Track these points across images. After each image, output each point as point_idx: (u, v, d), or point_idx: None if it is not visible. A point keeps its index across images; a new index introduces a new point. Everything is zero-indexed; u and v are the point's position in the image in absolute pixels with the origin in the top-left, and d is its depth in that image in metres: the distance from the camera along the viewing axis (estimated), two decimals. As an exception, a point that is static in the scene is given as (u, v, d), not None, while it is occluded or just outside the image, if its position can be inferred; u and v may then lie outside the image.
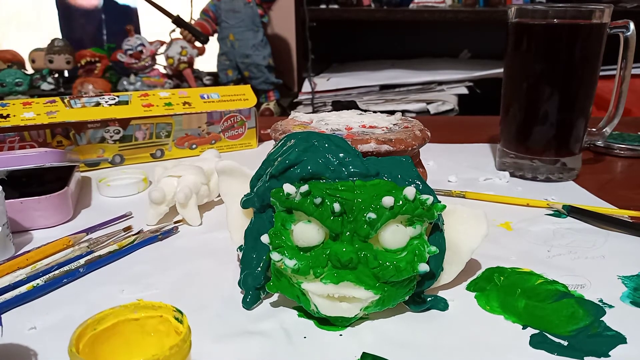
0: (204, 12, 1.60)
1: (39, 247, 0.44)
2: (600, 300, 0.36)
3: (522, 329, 0.33)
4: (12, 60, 1.53)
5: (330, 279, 0.32)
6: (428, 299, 0.36)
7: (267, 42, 1.60)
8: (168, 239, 0.47)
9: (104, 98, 0.68)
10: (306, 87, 1.59)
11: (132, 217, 0.52)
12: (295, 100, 1.59)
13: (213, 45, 1.65)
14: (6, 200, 0.45)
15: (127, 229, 0.48)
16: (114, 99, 0.69)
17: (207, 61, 1.72)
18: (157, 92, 0.72)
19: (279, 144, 0.37)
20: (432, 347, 0.32)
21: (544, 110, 0.59)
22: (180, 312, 0.27)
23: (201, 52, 1.64)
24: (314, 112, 1.35)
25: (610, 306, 0.36)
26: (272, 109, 1.60)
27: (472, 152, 0.73)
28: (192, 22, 1.61)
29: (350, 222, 0.32)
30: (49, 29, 1.77)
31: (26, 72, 1.55)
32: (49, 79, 1.55)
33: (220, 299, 0.37)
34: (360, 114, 0.50)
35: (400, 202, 0.32)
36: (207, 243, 0.46)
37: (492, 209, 0.52)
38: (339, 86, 1.54)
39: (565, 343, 0.32)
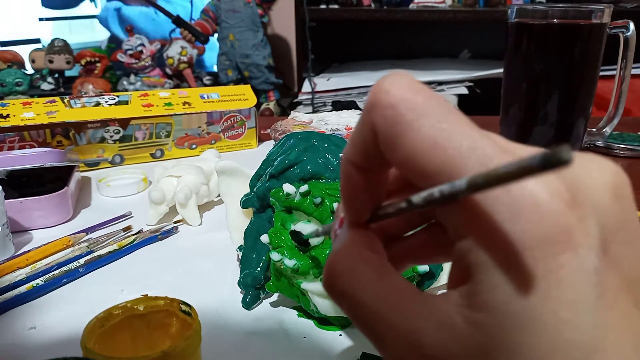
0: (204, 12, 1.60)
1: (38, 247, 0.44)
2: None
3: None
4: (12, 60, 1.53)
5: (330, 279, 0.32)
6: (428, 299, 0.36)
7: (267, 42, 1.60)
8: (168, 239, 0.47)
9: (103, 98, 0.68)
10: (306, 87, 1.59)
11: (132, 217, 0.52)
12: (295, 100, 1.59)
13: (213, 45, 1.65)
14: (6, 200, 0.45)
15: (127, 228, 0.48)
16: (114, 99, 0.69)
17: (207, 61, 1.72)
18: (157, 92, 0.72)
19: (279, 144, 0.37)
20: (432, 347, 0.32)
21: (544, 110, 0.59)
22: (187, 304, 0.27)
23: (201, 52, 1.64)
24: (314, 112, 1.35)
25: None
26: (272, 109, 1.60)
27: (472, 152, 0.73)
28: (192, 22, 1.61)
29: (350, 222, 0.32)
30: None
31: (26, 72, 1.55)
32: (49, 79, 1.55)
33: (220, 299, 0.37)
34: (360, 114, 0.50)
35: (400, 202, 0.32)
36: (207, 243, 0.46)
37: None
38: (339, 86, 1.54)
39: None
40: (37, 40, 1.77)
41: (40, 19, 1.90)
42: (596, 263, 0.13)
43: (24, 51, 1.59)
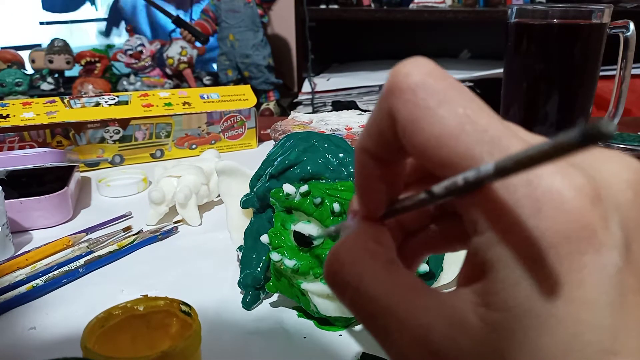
0: (204, 12, 1.60)
1: (38, 247, 0.44)
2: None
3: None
4: (12, 60, 1.53)
5: (330, 279, 0.32)
6: (428, 299, 0.36)
7: (267, 42, 1.60)
8: (168, 239, 0.47)
9: (103, 98, 0.68)
10: (306, 87, 1.58)
11: (132, 217, 0.52)
12: (295, 100, 1.59)
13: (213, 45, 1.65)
14: (6, 200, 0.45)
15: (127, 229, 0.48)
16: (114, 99, 0.69)
17: (208, 61, 1.72)
18: (157, 92, 0.72)
19: (279, 144, 0.37)
20: (432, 347, 0.32)
21: (544, 110, 0.59)
22: (187, 304, 0.27)
23: (201, 52, 1.64)
24: (314, 112, 1.35)
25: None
26: (272, 109, 1.60)
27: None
28: (192, 22, 1.61)
29: (350, 222, 0.32)
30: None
31: (26, 72, 1.55)
32: (49, 79, 1.55)
33: (220, 299, 0.37)
34: (360, 114, 0.50)
35: (400, 202, 0.32)
36: (207, 243, 0.46)
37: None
38: (339, 86, 1.54)
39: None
40: (38, 46, 1.77)
41: (41, 23, 1.90)
42: (619, 263, 0.13)
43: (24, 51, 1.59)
